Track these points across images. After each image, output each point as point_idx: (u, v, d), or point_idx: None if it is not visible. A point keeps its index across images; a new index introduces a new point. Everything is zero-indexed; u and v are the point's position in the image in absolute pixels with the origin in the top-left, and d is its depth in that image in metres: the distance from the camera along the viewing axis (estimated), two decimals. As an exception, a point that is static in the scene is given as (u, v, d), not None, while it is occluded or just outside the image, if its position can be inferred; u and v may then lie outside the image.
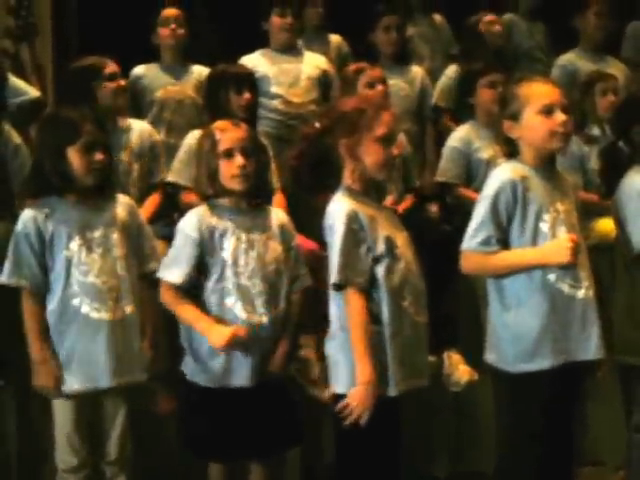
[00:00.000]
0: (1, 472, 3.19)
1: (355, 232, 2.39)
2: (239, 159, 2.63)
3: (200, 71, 3.90)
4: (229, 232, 2.64)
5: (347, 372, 2.41)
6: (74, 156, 2.63)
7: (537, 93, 2.48)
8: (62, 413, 2.65)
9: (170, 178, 3.43)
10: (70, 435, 2.64)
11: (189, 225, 2.65)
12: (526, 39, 4.62)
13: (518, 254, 2.47)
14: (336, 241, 2.40)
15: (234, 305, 2.61)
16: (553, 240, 2.45)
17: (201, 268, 2.62)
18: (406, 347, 2.44)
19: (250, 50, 3.98)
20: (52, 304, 2.64)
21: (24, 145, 3.28)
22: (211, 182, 2.66)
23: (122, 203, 2.77)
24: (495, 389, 2.63)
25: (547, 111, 2.46)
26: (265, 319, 2.62)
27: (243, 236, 2.65)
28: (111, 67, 3.44)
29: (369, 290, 2.41)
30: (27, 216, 2.67)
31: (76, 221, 2.66)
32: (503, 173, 2.49)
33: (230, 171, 2.64)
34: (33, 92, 3.79)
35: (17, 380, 3.03)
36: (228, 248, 2.63)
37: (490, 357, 2.56)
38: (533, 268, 2.45)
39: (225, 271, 2.62)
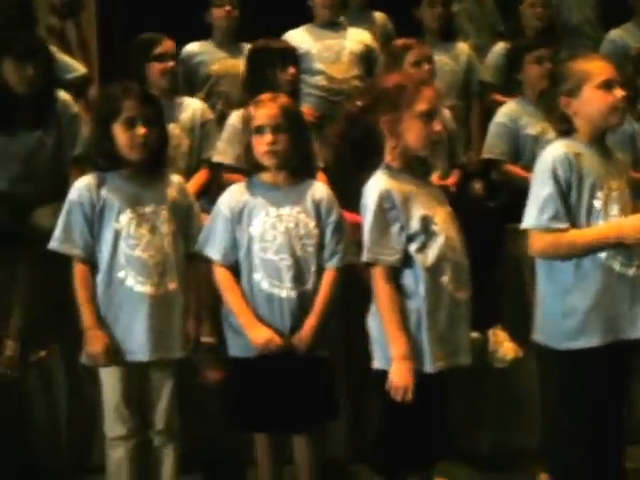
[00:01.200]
0: (52, 439, 3.26)
1: (386, 211, 2.41)
2: (268, 136, 2.65)
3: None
4: (259, 207, 2.68)
5: (384, 348, 2.44)
6: (118, 131, 2.66)
7: (597, 69, 2.45)
8: (110, 384, 2.70)
9: (215, 158, 3.44)
10: (118, 405, 2.69)
11: (222, 202, 2.73)
12: (575, 14, 4.54)
13: (596, 232, 2.42)
14: (368, 220, 2.42)
15: (261, 280, 2.64)
16: (629, 217, 2.41)
17: (236, 243, 2.67)
18: (445, 324, 2.45)
19: (295, 26, 3.97)
20: (99, 275, 2.68)
21: (79, 116, 3.33)
22: (247, 158, 2.71)
23: (174, 182, 2.80)
24: (543, 368, 2.61)
25: (607, 86, 2.43)
26: (293, 294, 2.64)
27: (272, 211, 2.68)
28: (163, 47, 3.46)
29: (404, 267, 2.43)
30: (81, 184, 2.71)
31: (128, 195, 2.70)
32: (557, 149, 2.46)
33: (261, 147, 2.66)
34: (81, 69, 3.84)
35: (66, 347, 3.09)
36: (256, 223, 2.67)
37: (538, 335, 2.54)
38: (609, 247, 2.41)
39: (252, 246, 2.66)
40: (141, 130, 2.65)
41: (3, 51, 3.17)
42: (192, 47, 3.96)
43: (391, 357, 2.41)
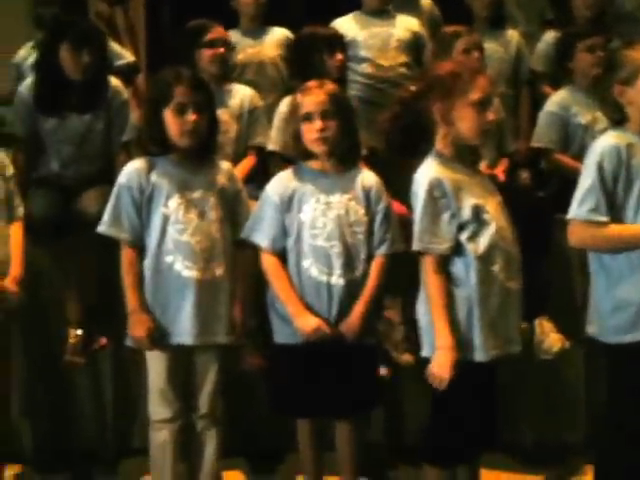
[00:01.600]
0: (96, 422, 3.30)
1: (437, 199, 2.39)
2: (318, 123, 2.65)
3: (278, 32, 3.89)
4: (308, 194, 2.68)
5: (432, 336, 2.43)
6: (168, 117, 2.67)
7: None
8: (156, 367, 2.72)
9: (270, 147, 3.44)
10: (163, 388, 2.71)
11: (271, 188, 2.73)
12: (628, 0, 4.45)
13: (637, 229, 2.38)
14: (418, 208, 2.41)
15: (310, 267, 2.64)
16: None
17: (284, 230, 2.67)
18: (495, 312, 2.43)
19: (342, 13, 3.94)
20: (147, 259, 2.70)
21: (129, 102, 3.36)
22: (296, 145, 2.70)
23: (223, 169, 2.81)
24: (592, 362, 2.58)
25: None
26: (342, 281, 2.63)
27: (322, 198, 2.68)
28: (213, 33, 3.47)
29: (455, 256, 2.41)
30: (131, 169, 2.73)
31: (177, 180, 2.71)
32: (607, 139, 2.43)
33: (310, 135, 2.66)
34: (129, 56, 3.87)
35: (111, 332, 3.12)
36: (306, 210, 2.67)
37: (590, 329, 2.52)
38: None
39: (302, 233, 2.66)
40: (191, 116, 2.66)
41: (59, 37, 3.20)
42: None
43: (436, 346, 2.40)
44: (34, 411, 3.26)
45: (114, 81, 3.38)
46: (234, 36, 3.90)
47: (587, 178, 2.39)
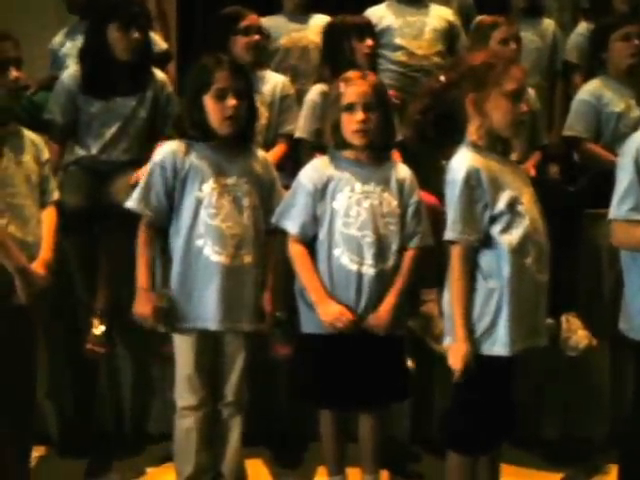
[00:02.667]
0: (116, 407, 3.33)
1: (473, 188, 2.36)
2: (360, 114, 2.63)
3: (323, 19, 3.86)
4: (343, 182, 2.66)
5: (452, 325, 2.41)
6: (209, 103, 2.66)
7: None
8: (184, 353, 2.72)
9: (297, 134, 3.43)
10: (191, 375, 2.70)
11: (305, 175, 2.71)
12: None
13: None
14: (453, 197, 2.38)
15: (341, 255, 2.63)
16: None
17: (315, 218, 2.66)
18: (525, 305, 2.41)
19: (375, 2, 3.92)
20: (179, 241, 2.69)
21: (173, 96, 3.37)
22: (333, 134, 2.68)
23: (258, 157, 2.80)
24: (619, 359, 2.55)
25: None
26: (372, 271, 2.62)
27: (358, 187, 2.67)
28: (247, 20, 3.46)
29: (485, 248, 2.39)
30: (167, 149, 2.73)
31: (212, 165, 2.70)
32: None
33: (351, 126, 2.64)
34: (162, 44, 3.86)
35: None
36: (340, 198, 2.66)
37: (621, 325, 2.49)
38: None
39: (335, 221, 2.64)
40: (232, 102, 2.65)
41: (109, 18, 3.21)
42: (263, 22, 3.92)
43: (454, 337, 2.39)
44: (58, 393, 3.29)
45: (160, 74, 3.39)
46: (279, 20, 3.91)
47: (624, 177, 2.36)
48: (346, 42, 3.35)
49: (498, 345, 2.38)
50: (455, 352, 2.37)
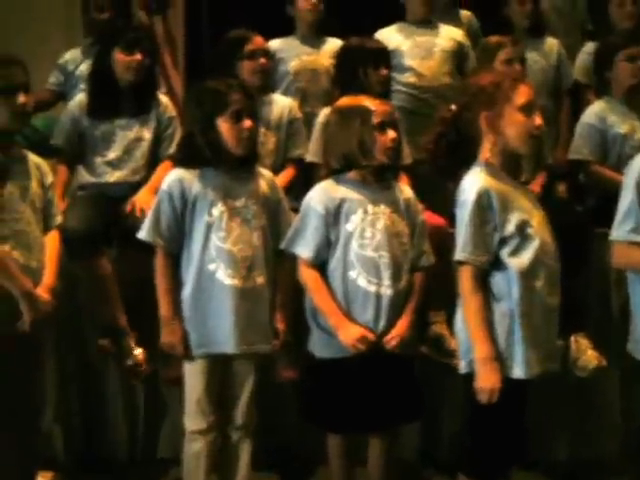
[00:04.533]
0: (130, 423, 3.32)
1: (483, 210, 2.36)
2: (392, 132, 2.65)
3: (336, 43, 3.86)
4: (356, 204, 2.66)
5: (470, 350, 2.39)
6: (224, 125, 2.67)
7: None
8: (194, 377, 2.71)
9: (309, 159, 3.43)
10: (200, 399, 2.69)
11: (315, 198, 2.69)
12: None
13: None
14: (464, 218, 2.38)
15: (357, 277, 2.62)
16: None
17: (328, 241, 2.65)
18: (537, 328, 2.39)
19: (385, 23, 3.93)
20: (191, 267, 2.69)
21: (178, 118, 3.40)
22: (364, 154, 2.65)
23: (265, 177, 2.81)
24: (630, 380, 2.53)
25: None
26: (390, 291, 2.62)
27: (370, 208, 2.67)
28: (253, 44, 3.47)
29: (495, 271, 2.38)
30: (174, 177, 2.73)
31: (221, 188, 2.70)
32: None
33: (384, 144, 2.64)
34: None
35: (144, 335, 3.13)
36: (354, 220, 2.66)
37: (630, 346, 2.49)
38: None
39: (350, 243, 2.64)
40: (248, 123, 2.66)
41: (112, 41, 3.28)
42: (274, 44, 3.91)
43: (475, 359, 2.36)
44: (67, 418, 3.28)
45: (163, 98, 3.43)
46: (292, 43, 3.92)
47: (626, 198, 2.37)
48: (361, 68, 3.35)
49: (516, 368, 2.37)
50: (485, 373, 2.34)
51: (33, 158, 2.79)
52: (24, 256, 2.62)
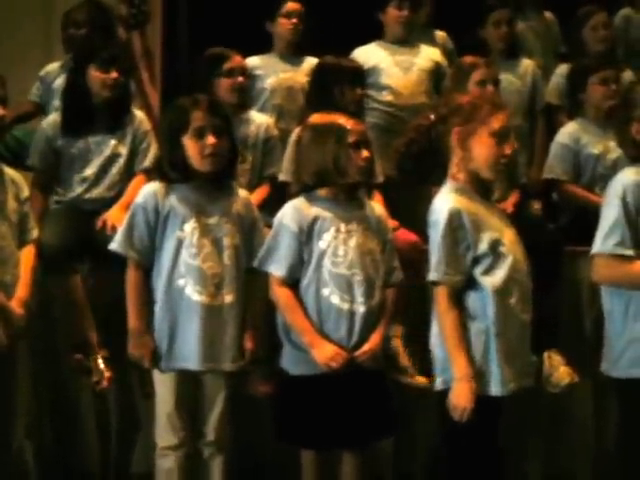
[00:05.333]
0: (102, 439, 3.29)
1: (455, 230, 2.38)
2: (365, 152, 2.66)
3: (313, 61, 3.87)
4: (328, 222, 2.67)
5: (446, 368, 2.41)
6: (188, 143, 2.67)
7: None
8: (163, 393, 2.70)
9: (282, 178, 3.42)
10: (171, 414, 2.68)
11: (287, 216, 2.69)
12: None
13: None
14: (436, 238, 2.40)
15: (330, 295, 2.63)
16: None
17: (301, 259, 2.65)
18: (513, 345, 2.42)
19: (361, 42, 3.96)
20: (161, 281, 2.69)
21: (152, 132, 3.39)
22: (339, 172, 2.65)
23: (240, 196, 2.81)
24: (603, 399, 2.53)
25: None
26: (362, 309, 2.63)
27: (342, 226, 2.68)
28: (232, 62, 3.48)
29: (469, 290, 2.40)
30: (148, 190, 2.74)
31: (194, 204, 2.70)
32: (627, 176, 2.42)
33: (358, 162, 2.65)
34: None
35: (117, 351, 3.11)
36: (327, 238, 2.66)
37: (604, 366, 2.49)
38: None
39: (323, 261, 2.65)
40: (211, 140, 2.66)
41: (88, 58, 3.28)
42: (252, 61, 3.92)
43: (452, 377, 2.38)
44: (38, 433, 3.25)
45: (138, 112, 3.43)
46: (268, 60, 3.93)
47: (610, 213, 2.38)
48: (337, 87, 3.36)
49: (493, 385, 2.38)
50: (462, 391, 2.36)
51: (9, 172, 2.78)
52: None
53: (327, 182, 2.68)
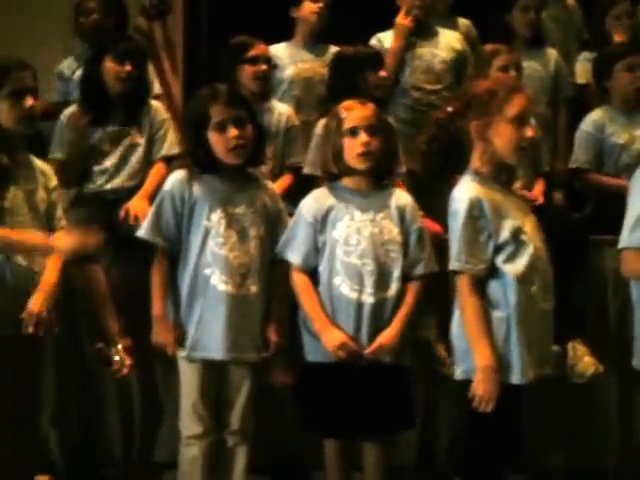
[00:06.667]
0: (125, 428, 3.31)
1: (476, 219, 2.37)
2: (363, 137, 2.63)
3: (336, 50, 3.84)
4: (343, 211, 2.67)
5: (468, 357, 2.40)
6: (212, 136, 2.67)
7: None
8: (189, 381, 2.71)
9: (306, 170, 3.41)
10: (196, 403, 2.70)
11: (305, 207, 2.72)
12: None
13: None
14: (457, 227, 2.39)
15: (341, 284, 2.64)
16: None
17: (317, 248, 2.67)
18: (533, 333, 2.40)
19: (380, 30, 3.90)
20: (187, 270, 2.70)
21: (170, 120, 3.41)
22: (336, 161, 2.68)
23: (265, 187, 2.82)
24: (629, 390, 2.50)
25: None
26: (371, 299, 2.62)
27: (357, 215, 2.67)
28: (256, 50, 3.48)
29: (491, 278, 2.39)
30: (176, 177, 2.75)
31: (221, 194, 2.71)
32: None
33: (354, 149, 2.64)
34: (156, 88, 3.85)
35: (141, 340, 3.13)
36: (340, 227, 2.67)
37: (636, 362, 2.45)
38: None
39: (335, 250, 2.65)
40: (233, 132, 2.66)
41: (104, 51, 3.30)
42: (273, 49, 3.87)
43: (475, 367, 2.37)
44: (64, 422, 3.28)
45: (153, 102, 3.44)
46: (289, 50, 3.88)
47: (636, 204, 2.34)
48: (359, 74, 3.34)
49: (513, 373, 2.37)
50: (486, 381, 2.34)
51: (38, 162, 2.81)
52: (27, 260, 2.64)
53: (339, 171, 2.68)
